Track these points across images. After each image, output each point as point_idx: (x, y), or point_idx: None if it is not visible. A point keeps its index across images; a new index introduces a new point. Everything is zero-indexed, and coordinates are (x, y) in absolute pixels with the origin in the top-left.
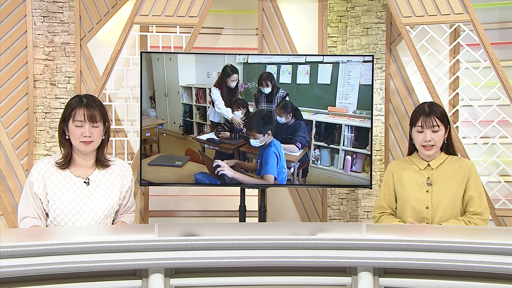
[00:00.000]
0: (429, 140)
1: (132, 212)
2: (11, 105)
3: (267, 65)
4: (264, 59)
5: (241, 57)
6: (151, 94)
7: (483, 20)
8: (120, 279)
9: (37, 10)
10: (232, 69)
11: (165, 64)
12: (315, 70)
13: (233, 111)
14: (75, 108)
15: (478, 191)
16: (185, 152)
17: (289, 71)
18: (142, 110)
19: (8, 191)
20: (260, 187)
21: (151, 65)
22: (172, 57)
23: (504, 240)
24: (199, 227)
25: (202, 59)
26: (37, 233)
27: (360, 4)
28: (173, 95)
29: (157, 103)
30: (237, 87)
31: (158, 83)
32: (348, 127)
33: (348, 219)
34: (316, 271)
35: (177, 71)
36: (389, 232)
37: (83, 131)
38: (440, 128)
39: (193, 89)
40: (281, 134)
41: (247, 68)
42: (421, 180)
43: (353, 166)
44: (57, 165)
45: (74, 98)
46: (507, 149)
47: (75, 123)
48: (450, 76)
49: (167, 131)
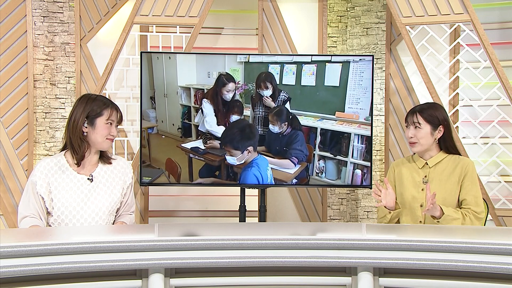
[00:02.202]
0: (410, 137)
1: (132, 212)
2: (11, 105)
3: (270, 64)
4: (266, 58)
5: (242, 56)
6: (151, 94)
7: (483, 20)
8: (120, 279)
9: (37, 10)
10: (227, 78)
11: (165, 64)
12: (322, 71)
13: (230, 117)
14: (109, 107)
15: (474, 190)
16: (165, 162)
17: (293, 71)
18: (142, 110)
19: (8, 191)
20: (260, 187)
21: (151, 64)
22: (172, 56)
23: (504, 240)
24: (199, 227)
25: (203, 59)
26: (37, 233)
27: (360, 4)
28: (173, 95)
29: (157, 104)
30: (234, 100)
31: (158, 83)
32: (358, 136)
33: (348, 219)
34: (316, 271)
35: (176, 71)
36: (389, 232)
37: (111, 130)
38: (422, 126)
39: (192, 89)
40: (275, 146)
41: (248, 68)
42: (418, 179)
43: (364, 181)
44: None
45: (95, 100)
46: (507, 149)
47: (109, 121)
48: (450, 76)
49: (166, 133)
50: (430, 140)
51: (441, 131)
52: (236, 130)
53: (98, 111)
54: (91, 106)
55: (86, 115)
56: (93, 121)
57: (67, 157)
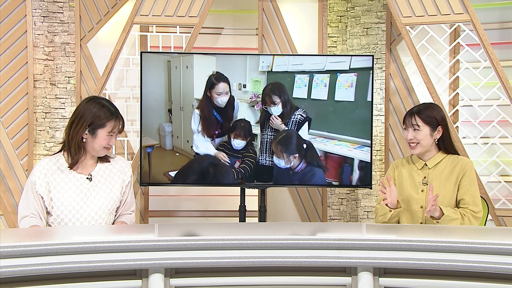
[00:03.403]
0: (410, 139)
1: (132, 212)
2: (11, 105)
3: (296, 74)
4: (292, 66)
5: (265, 63)
6: (169, 106)
7: (483, 20)
8: (120, 279)
9: (37, 10)
10: (218, 77)
11: (182, 72)
12: (365, 82)
13: (230, 140)
14: (113, 119)
15: (472, 190)
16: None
17: (325, 82)
18: (142, 112)
19: (8, 191)
20: (260, 187)
21: (169, 73)
22: (188, 64)
23: (504, 240)
24: (199, 227)
25: (223, 64)
26: (37, 233)
27: (360, 4)
28: (189, 108)
29: (174, 118)
30: (232, 104)
31: (175, 94)
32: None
33: (348, 219)
34: (316, 271)
35: (192, 80)
36: (389, 232)
37: (111, 140)
38: (421, 128)
39: None
40: (284, 183)
41: (272, 79)
42: (418, 180)
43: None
44: (67, 166)
45: (101, 107)
46: (507, 149)
47: (110, 133)
48: (450, 76)
49: (180, 150)
50: (430, 141)
51: (440, 131)
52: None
53: (102, 122)
54: (96, 115)
55: (89, 123)
56: (95, 131)
57: (65, 156)
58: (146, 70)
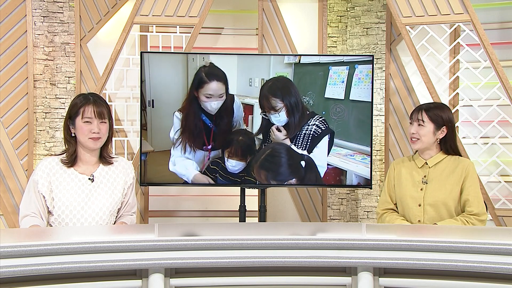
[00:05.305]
0: (413, 133)
1: (133, 213)
2: (11, 105)
3: (331, 65)
4: (325, 57)
5: (291, 56)
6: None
7: (483, 20)
8: (120, 279)
9: (37, 10)
10: (209, 72)
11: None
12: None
13: (224, 160)
14: (84, 105)
15: (475, 191)
16: None
17: (369, 75)
18: (141, 110)
19: (8, 191)
20: (260, 187)
21: (187, 69)
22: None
23: (504, 240)
24: (199, 227)
25: (243, 62)
26: (37, 233)
27: (360, 4)
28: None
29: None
30: (229, 109)
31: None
32: None
33: (348, 219)
34: (316, 271)
35: None
36: (389, 232)
37: (91, 128)
38: (425, 124)
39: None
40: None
41: (299, 73)
42: (417, 178)
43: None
44: (63, 163)
45: (79, 96)
46: (507, 149)
47: (84, 119)
48: (450, 76)
49: None
50: (431, 139)
51: (444, 131)
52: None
53: (73, 112)
54: (71, 108)
55: (69, 117)
56: (74, 121)
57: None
58: (184, 76)
